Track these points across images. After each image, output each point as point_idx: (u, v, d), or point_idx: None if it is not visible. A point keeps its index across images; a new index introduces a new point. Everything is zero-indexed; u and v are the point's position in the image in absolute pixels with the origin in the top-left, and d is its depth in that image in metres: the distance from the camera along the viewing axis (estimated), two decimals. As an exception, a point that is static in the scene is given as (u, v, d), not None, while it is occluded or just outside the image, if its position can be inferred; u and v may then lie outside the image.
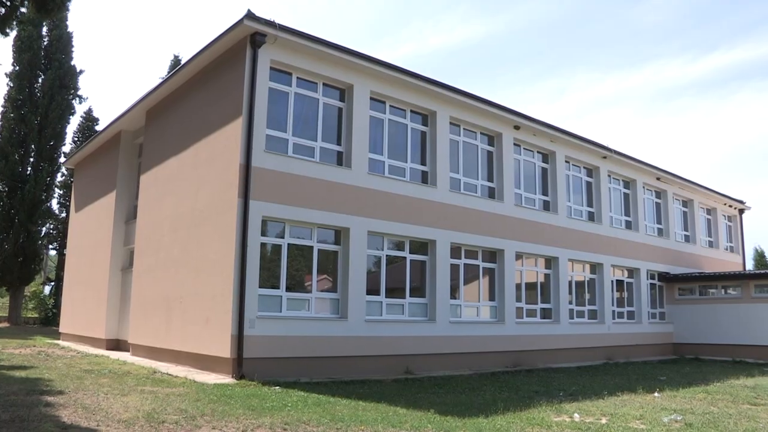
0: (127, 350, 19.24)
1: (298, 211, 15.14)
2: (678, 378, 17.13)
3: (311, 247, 15.72)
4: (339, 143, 16.58)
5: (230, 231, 14.21)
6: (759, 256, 53.75)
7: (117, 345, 20.61)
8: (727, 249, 33.90)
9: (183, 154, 17.26)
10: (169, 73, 24.87)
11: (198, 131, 16.54)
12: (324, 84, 16.39)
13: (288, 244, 15.26)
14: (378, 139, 17.51)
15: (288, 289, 15.13)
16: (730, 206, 34.28)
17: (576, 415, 10.23)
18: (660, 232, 28.67)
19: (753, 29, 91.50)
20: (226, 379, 13.28)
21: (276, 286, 14.91)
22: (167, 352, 16.48)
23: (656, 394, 13.33)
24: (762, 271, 31.13)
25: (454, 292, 18.88)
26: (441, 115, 18.81)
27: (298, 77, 15.86)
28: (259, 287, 14.38)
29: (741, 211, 35.38)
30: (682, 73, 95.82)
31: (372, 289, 16.75)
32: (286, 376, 13.99)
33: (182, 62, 21.59)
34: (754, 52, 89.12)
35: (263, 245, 14.76)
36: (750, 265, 43.27)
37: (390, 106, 17.88)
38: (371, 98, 17.19)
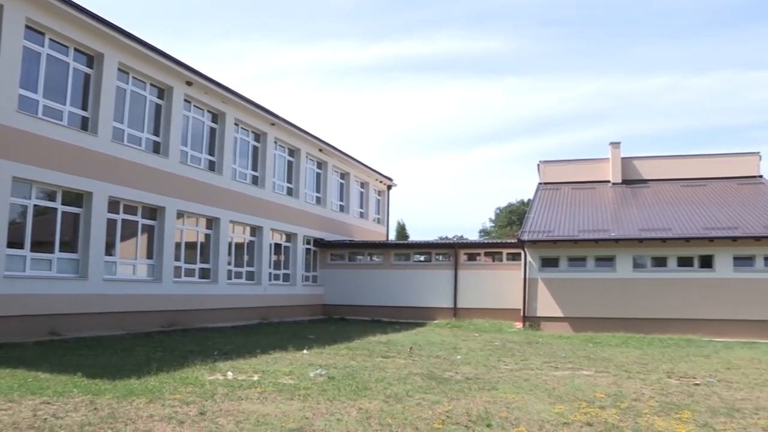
0: None
1: (-76, 147, 12.91)
2: (325, 336, 18.37)
3: (-61, 190, 13.57)
4: (-18, 74, 14.46)
5: None
6: (401, 228, 60.65)
7: None
8: (375, 220, 37.20)
9: None
10: None
11: None
12: (-33, 2, 14.12)
13: None
14: (32, 75, 15.61)
15: None
16: (381, 182, 37.68)
17: (230, 373, 10.39)
18: (318, 200, 30.37)
19: (414, 30, 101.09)
20: None
21: None
22: None
23: (305, 351, 14.13)
24: (401, 242, 34.91)
25: (109, 248, 17.84)
26: (109, 58, 17.46)
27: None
28: None
29: (389, 187, 39.11)
30: (353, 56, 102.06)
31: (15, 242, 15.01)
32: None
33: None
34: (410, 49, 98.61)
35: None
36: (393, 236, 47.97)
37: (50, 39, 16.04)
38: (27, 27, 15.17)
